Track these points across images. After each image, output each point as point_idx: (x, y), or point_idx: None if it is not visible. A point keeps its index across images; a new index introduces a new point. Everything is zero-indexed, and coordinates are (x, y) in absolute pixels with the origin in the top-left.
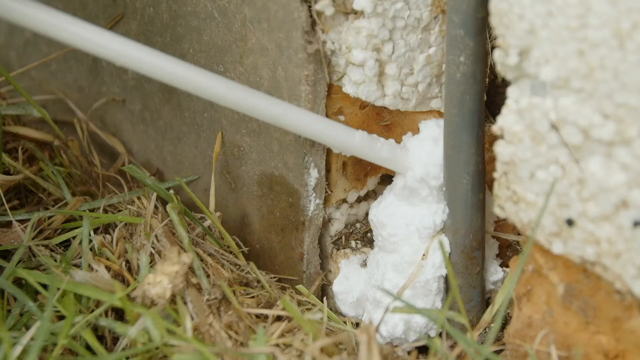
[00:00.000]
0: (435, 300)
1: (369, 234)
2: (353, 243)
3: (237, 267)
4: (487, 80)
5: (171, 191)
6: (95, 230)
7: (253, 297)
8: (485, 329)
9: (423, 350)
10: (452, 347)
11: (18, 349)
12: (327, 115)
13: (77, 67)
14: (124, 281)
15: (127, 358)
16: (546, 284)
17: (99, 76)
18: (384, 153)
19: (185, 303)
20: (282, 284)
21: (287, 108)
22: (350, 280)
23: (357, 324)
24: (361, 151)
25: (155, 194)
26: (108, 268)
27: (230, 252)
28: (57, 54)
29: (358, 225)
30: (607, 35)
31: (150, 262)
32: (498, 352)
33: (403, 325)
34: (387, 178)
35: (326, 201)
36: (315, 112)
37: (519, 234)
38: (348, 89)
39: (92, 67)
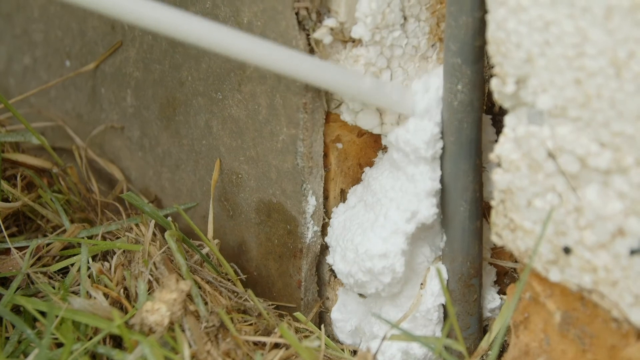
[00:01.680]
0: (435, 330)
1: None
2: None
3: (235, 294)
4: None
5: (169, 218)
6: (94, 258)
7: (251, 324)
8: (482, 357)
9: None
10: None
11: None
12: (324, 144)
13: (76, 94)
14: (122, 308)
15: None
16: (543, 312)
17: (97, 103)
18: (395, 96)
19: (183, 330)
20: (279, 311)
21: (300, 58)
22: (349, 308)
23: (355, 352)
24: (372, 96)
25: (153, 221)
26: (106, 295)
27: (228, 280)
28: (56, 81)
29: None
30: (603, 64)
31: (149, 290)
32: None
33: (401, 355)
34: None
35: (324, 228)
36: (312, 140)
37: (516, 262)
38: (346, 117)
39: (91, 94)
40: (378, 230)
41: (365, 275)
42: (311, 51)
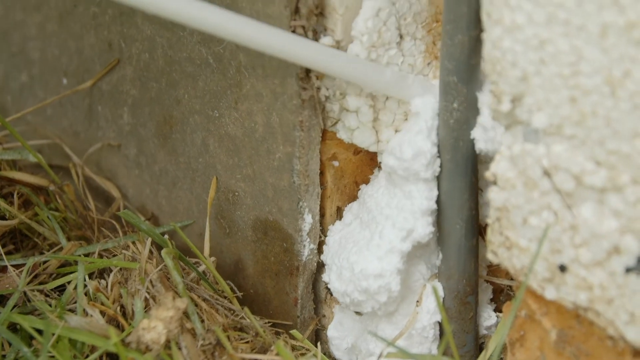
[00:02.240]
0: (431, 347)
1: None
2: None
3: (232, 312)
4: None
5: (166, 236)
6: (90, 275)
7: (247, 342)
8: None
9: None
10: None
11: None
12: (321, 161)
13: (72, 112)
14: (118, 326)
15: None
16: (539, 330)
17: (94, 121)
18: (415, 89)
19: (179, 348)
20: (276, 329)
21: (322, 50)
22: (345, 326)
23: None
24: (392, 89)
25: (150, 239)
26: (103, 313)
27: (225, 297)
28: (53, 98)
29: None
30: (599, 83)
31: (145, 307)
32: None
33: None
34: None
35: (320, 246)
36: (308, 158)
37: (512, 279)
38: (342, 134)
39: (87, 112)
40: (374, 248)
41: (361, 295)
42: (307, 69)
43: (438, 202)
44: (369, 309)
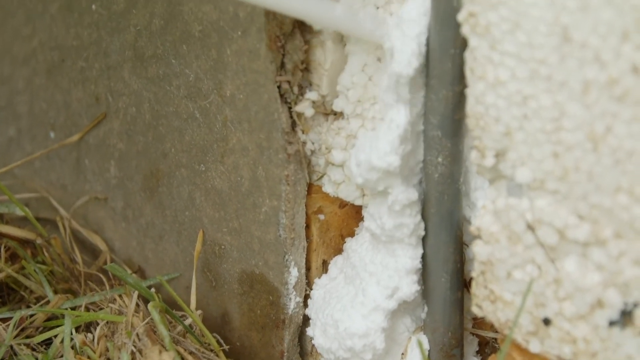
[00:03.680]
0: None
1: None
2: None
3: None
4: None
5: (153, 289)
6: (77, 329)
7: None
8: None
9: None
10: None
11: None
12: (307, 215)
13: (60, 165)
14: None
15: None
16: None
17: (81, 174)
18: (368, 25)
19: None
20: None
21: None
22: None
23: None
24: (343, 24)
25: (136, 292)
26: None
27: (211, 350)
28: (41, 152)
29: None
30: (581, 138)
31: None
32: None
33: None
34: None
35: (306, 299)
36: (294, 212)
37: (497, 332)
38: (328, 188)
39: (75, 165)
40: (358, 306)
41: (346, 353)
42: (293, 124)
43: (423, 255)
44: None
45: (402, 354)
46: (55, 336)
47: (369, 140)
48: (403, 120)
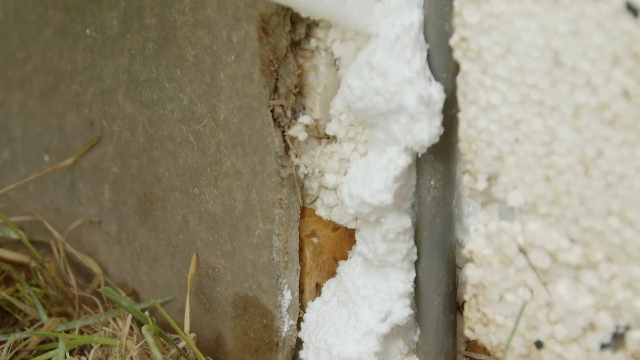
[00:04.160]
0: None
1: None
2: None
3: None
4: None
5: (147, 312)
6: (71, 352)
7: None
8: None
9: None
10: None
11: None
12: (300, 238)
13: (54, 188)
14: None
15: None
16: None
17: (75, 198)
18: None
19: None
20: None
21: None
22: None
23: None
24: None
25: (130, 315)
26: None
27: None
28: (35, 176)
29: None
30: (572, 162)
31: None
32: None
33: None
34: None
35: (300, 322)
36: (288, 235)
37: (490, 355)
38: (321, 212)
39: (69, 188)
40: (351, 330)
41: None
42: (286, 148)
43: (416, 279)
44: None
45: None
46: (50, 359)
47: (362, 172)
48: (402, 164)
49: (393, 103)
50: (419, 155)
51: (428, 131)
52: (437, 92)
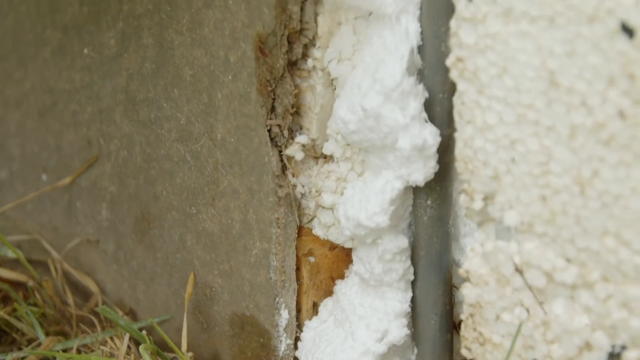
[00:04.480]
0: None
1: None
2: None
3: None
4: None
5: (144, 331)
6: None
7: None
8: None
9: None
10: None
11: None
12: (297, 257)
13: (52, 207)
14: None
15: None
16: None
17: (73, 217)
18: None
19: None
20: None
21: None
22: None
23: None
24: None
25: (128, 335)
26: None
27: None
28: (33, 195)
29: None
30: (568, 182)
31: None
32: None
33: None
34: None
35: (297, 341)
36: (285, 254)
37: None
38: (318, 231)
39: (66, 207)
40: (348, 350)
41: None
42: (284, 167)
43: (413, 298)
44: None
45: None
46: None
47: (358, 193)
48: (398, 186)
49: (387, 141)
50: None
51: (423, 172)
52: (431, 137)
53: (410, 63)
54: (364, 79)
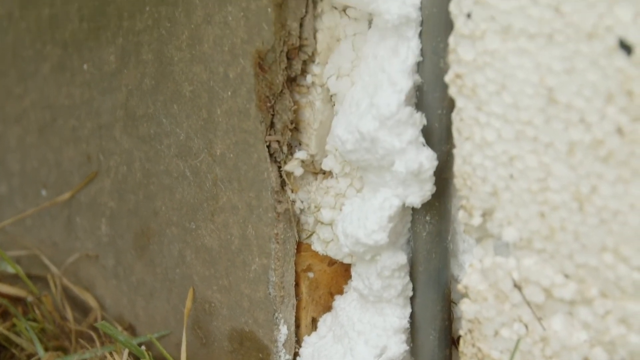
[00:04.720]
0: None
1: None
2: None
3: None
4: None
5: (143, 347)
6: None
7: None
8: None
9: None
10: None
11: None
12: (296, 273)
13: (51, 223)
14: None
15: None
16: None
17: (72, 232)
18: None
19: None
20: None
21: None
22: None
23: None
24: None
25: (127, 350)
26: None
27: None
28: (32, 210)
29: None
30: (567, 199)
31: None
32: None
33: None
34: None
35: (296, 357)
36: (284, 270)
37: None
38: (317, 246)
39: (66, 223)
40: None
41: None
42: (283, 183)
43: (411, 314)
44: None
45: None
46: None
47: (356, 210)
48: (396, 203)
49: (384, 162)
50: None
51: (419, 194)
52: (427, 161)
53: (408, 94)
54: (363, 99)
